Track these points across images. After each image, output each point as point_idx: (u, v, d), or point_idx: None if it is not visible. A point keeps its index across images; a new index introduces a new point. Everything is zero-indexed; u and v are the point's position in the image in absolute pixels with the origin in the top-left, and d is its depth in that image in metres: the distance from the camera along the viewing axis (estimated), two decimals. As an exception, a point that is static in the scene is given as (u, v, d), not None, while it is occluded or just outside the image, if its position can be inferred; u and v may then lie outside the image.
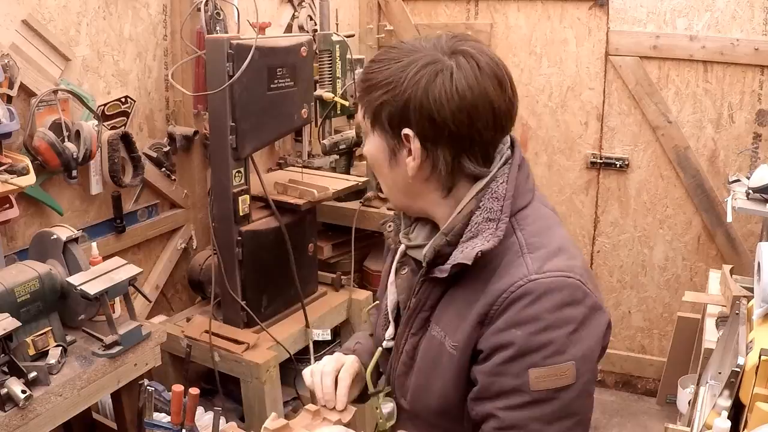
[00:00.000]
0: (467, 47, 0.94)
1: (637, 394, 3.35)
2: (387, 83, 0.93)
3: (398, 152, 0.96)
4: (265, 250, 2.11)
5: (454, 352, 0.96)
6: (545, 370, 0.89)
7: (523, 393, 0.90)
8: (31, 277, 1.53)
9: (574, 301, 0.90)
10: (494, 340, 0.91)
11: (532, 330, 0.89)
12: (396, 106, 0.93)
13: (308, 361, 2.24)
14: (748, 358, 1.46)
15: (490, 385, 0.93)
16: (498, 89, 0.93)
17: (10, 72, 1.74)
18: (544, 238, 0.96)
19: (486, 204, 0.95)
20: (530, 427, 0.90)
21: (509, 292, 0.91)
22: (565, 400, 0.90)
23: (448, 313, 0.99)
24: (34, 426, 1.42)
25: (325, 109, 2.64)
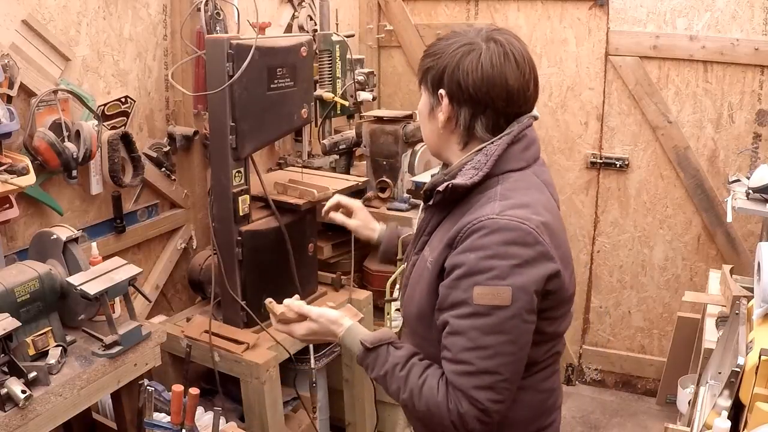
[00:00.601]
0: (501, 37, 1.22)
1: (637, 394, 3.36)
2: (434, 54, 1.24)
3: (435, 108, 1.25)
4: (265, 250, 2.11)
5: (429, 267, 1.22)
6: (487, 288, 1.11)
7: (467, 305, 1.12)
8: (31, 277, 1.53)
9: (523, 243, 1.12)
10: (453, 260, 1.16)
11: (480, 256, 1.12)
12: (437, 72, 1.23)
13: (308, 361, 2.25)
14: (748, 358, 1.46)
15: (446, 296, 1.17)
16: (516, 72, 1.20)
17: (10, 72, 1.74)
18: (517, 194, 1.18)
19: (477, 157, 1.21)
20: (470, 334, 1.12)
21: (471, 224, 1.14)
22: (500, 317, 1.11)
23: (437, 237, 1.25)
24: (34, 426, 1.42)
25: (325, 109, 2.64)
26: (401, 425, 2.73)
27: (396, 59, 3.50)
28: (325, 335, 1.34)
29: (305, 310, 1.33)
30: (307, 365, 2.25)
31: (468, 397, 1.13)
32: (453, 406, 1.14)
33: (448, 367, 1.16)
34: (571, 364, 3.46)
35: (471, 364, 1.12)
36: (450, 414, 1.14)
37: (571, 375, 3.47)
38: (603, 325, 3.38)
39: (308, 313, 1.33)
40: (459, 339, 1.14)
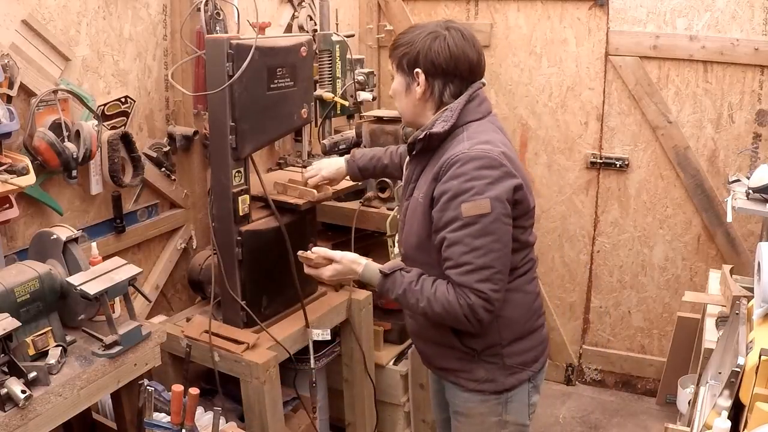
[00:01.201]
0: (456, 26, 1.58)
1: (637, 394, 3.36)
2: (407, 43, 1.57)
3: (411, 84, 1.59)
4: (265, 250, 2.11)
5: (421, 201, 1.55)
6: (470, 203, 1.44)
7: (459, 220, 1.44)
8: (31, 277, 1.53)
9: (491, 167, 1.46)
10: (441, 188, 1.49)
11: (461, 180, 1.45)
12: (412, 56, 1.56)
13: (308, 361, 2.25)
14: (748, 358, 1.46)
15: (440, 218, 1.49)
16: (472, 49, 1.56)
17: (10, 72, 1.74)
18: (479, 135, 1.53)
19: (444, 114, 1.56)
20: (464, 241, 1.44)
21: (450, 159, 1.49)
22: (485, 222, 1.44)
23: (423, 179, 1.58)
24: (34, 426, 1.42)
25: (325, 109, 2.64)
26: (401, 425, 2.74)
27: (396, 59, 3.50)
28: (348, 273, 1.62)
29: (330, 254, 1.63)
30: (307, 365, 2.25)
31: (473, 290, 1.44)
32: (463, 301, 1.45)
33: (452, 272, 1.47)
34: (571, 364, 3.46)
35: (470, 264, 1.44)
36: (462, 308, 1.45)
37: (571, 375, 3.47)
38: (603, 325, 3.38)
39: (333, 256, 1.62)
40: (457, 247, 1.45)
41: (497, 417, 1.65)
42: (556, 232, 3.34)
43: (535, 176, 3.30)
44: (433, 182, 1.52)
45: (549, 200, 3.31)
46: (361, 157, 2.09)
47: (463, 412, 1.69)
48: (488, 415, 1.65)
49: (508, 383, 1.63)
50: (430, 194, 1.52)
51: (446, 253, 1.48)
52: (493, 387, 1.63)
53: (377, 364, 2.62)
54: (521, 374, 1.64)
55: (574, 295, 3.39)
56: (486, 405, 1.65)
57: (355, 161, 2.10)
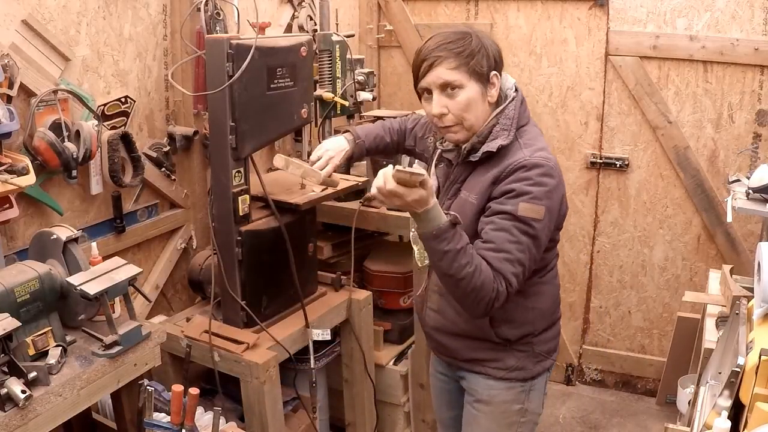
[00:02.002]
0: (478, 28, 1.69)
1: (637, 394, 3.35)
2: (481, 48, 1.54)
3: (488, 88, 1.57)
4: (265, 250, 2.11)
5: (475, 202, 1.58)
6: (528, 205, 1.49)
7: (513, 214, 1.49)
8: (31, 277, 1.53)
9: (550, 176, 1.52)
10: (502, 188, 1.52)
11: (525, 183, 1.50)
12: (490, 60, 1.55)
13: (308, 361, 2.25)
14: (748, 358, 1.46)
15: (495, 208, 1.52)
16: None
17: (10, 72, 1.74)
18: (533, 142, 1.58)
19: (502, 121, 1.58)
20: (512, 231, 1.49)
21: (513, 164, 1.53)
22: (534, 227, 1.50)
23: (472, 182, 1.61)
24: (34, 426, 1.42)
25: (325, 109, 2.64)
26: (401, 425, 2.74)
27: (396, 59, 3.50)
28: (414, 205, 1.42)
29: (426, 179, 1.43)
30: (307, 365, 2.25)
31: (505, 279, 1.48)
32: (496, 285, 1.47)
33: (491, 254, 1.49)
34: (571, 364, 3.45)
35: (510, 253, 1.48)
36: (492, 291, 1.47)
37: (571, 375, 3.47)
38: (603, 325, 3.38)
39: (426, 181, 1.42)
40: (503, 233, 1.49)
41: (520, 405, 1.71)
42: (556, 232, 3.34)
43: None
44: (491, 185, 1.55)
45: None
46: (365, 136, 2.01)
47: (487, 400, 1.73)
48: (512, 403, 1.71)
49: (534, 371, 1.70)
50: (487, 195, 1.55)
51: (489, 235, 1.50)
52: (522, 375, 1.69)
53: (377, 364, 2.62)
54: (545, 362, 1.73)
55: (574, 294, 3.39)
56: (511, 392, 1.70)
57: (362, 141, 2.00)
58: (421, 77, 1.57)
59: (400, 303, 2.76)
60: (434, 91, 1.55)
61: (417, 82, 1.60)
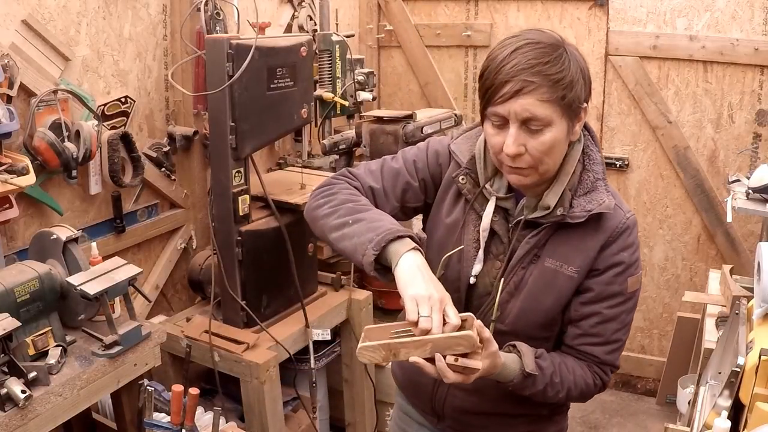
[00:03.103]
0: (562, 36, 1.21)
1: (637, 394, 3.35)
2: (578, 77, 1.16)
3: (572, 126, 1.20)
4: (265, 250, 2.11)
5: (574, 275, 1.26)
6: (634, 277, 1.27)
7: (622, 295, 1.27)
8: (31, 277, 1.53)
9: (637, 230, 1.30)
10: (610, 260, 1.25)
11: (631, 251, 1.26)
12: (587, 90, 1.20)
13: (308, 361, 2.25)
14: (748, 358, 1.46)
15: (603, 291, 1.26)
16: None
17: (10, 72, 1.74)
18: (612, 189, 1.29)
19: (591, 167, 1.27)
20: (620, 318, 1.28)
21: (620, 227, 1.25)
22: (637, 296, 1.31)
23: (562, 248, 1.26)
24: (34, 426, 1.42)
25: (324, 109, 2.64)
26: (401, 425, 2.74)
27: (396, 59, 3.50)
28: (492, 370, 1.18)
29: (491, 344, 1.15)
30: (307, 365, 2.25)
31: (614, 367, 1.33)
32: (599, 381, 1.31)
33: (598, 349, 1.29)
34: (571, 364, 3.45)
35: (620, 341, 1.31)
36: (596, 388, 1.32)
37: (571, 375, 3.47)
38: (603, 325, 3.38)
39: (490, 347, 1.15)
40: (612, 324, 1.28)
41: None
42: (556, 232, 3.34)
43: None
44: (596, 252, 1.24)
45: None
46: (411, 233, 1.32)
47: None
48: None
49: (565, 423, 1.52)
50: (590, 267, 1.25)
51: (596, 329, 1.28)
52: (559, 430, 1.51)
53: (377, 364, 2.61)
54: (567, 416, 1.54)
55: (574, 295, 3.39)
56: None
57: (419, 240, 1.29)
58: (498, 102, 1.14)
59: (400, 303, 2.75)
60: (513, 124, 1.15)
61: (487, 104, 1.17)
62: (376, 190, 1.38)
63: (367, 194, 1.37)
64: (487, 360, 1.14)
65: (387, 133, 2.65)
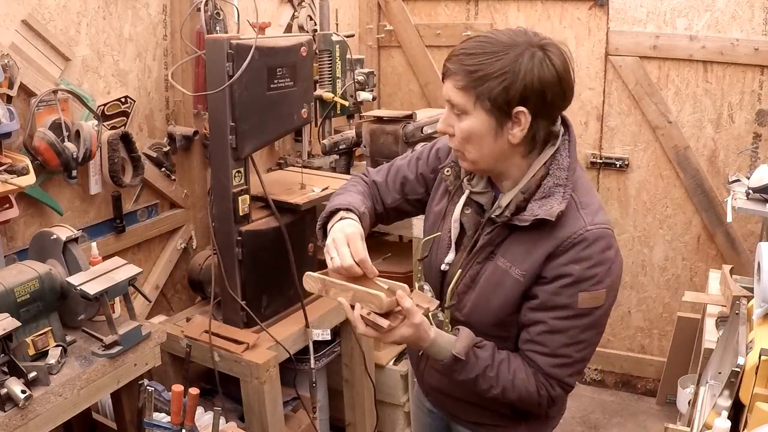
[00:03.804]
0: (548, 41, 1.19)
1: (637, 394, 3.35)
2: (504, 73, 1.14)
3: (505, 126, 1.19)
4: (265, 250, 2.11)
5: (520, 279, 1.25)
6: (589, 294, 1.21)
7: (571, 308, 1.22)
8: (31, 277, 1.53)
9: (611, 247, 1.22)
10: (558, 270, 1.22)
11: (585, 266, 1.20)
12: (515, 91, 1.14)
13: (308, 361, 2.25)
14: (748, 358, 1.46)
15: (548, 300, 1.23)
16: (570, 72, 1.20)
17: (10, 72, 1.74)
18: (590, 198, 1.26)
19: (554, 172, 1.24)
20: (569, 332, 1.23)
21: (572, 238, 1.20)
22: (596, 315, 1.23)
23: (514, 249, 1.27)
24: (33, 426, 1.42)
25: (324, 109, 2.64)
26: (401, 425, 2.74)
27: (396, 59, 3.50)
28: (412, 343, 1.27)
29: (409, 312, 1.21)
30: (307, 365, 2.25)
31: (561, 384, 1.28)
32: (544, 392, 1.28)
33: (542, 360, 1.27)
34: (571, 364, 3.45)
35: (569, 357, 1.26)
36: (540, 398, 1.29)
37: (571, 375, 3.47)
38: (603, 325, 3.38)
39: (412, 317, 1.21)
40: (559, 336, 1.24)
41: None
42: (556, 232, 3.34)
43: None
44: (545, 261, 1.23)
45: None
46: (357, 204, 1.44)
47: None
48: None
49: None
50: (537, 273, 1.24)
51: (541, 338, 1.26)
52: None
53: (377, 364, 2.62)
54: (554, 421, 1.55)
55: (574, 295, 3.39)
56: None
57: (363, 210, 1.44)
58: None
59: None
60: (446, 104, 1.24)
61: None
62: (379, 184, 1.54)
63: (371, 187, 1.54)
64: (408, 328, 1.22)
65: (387, 133, 2.65)
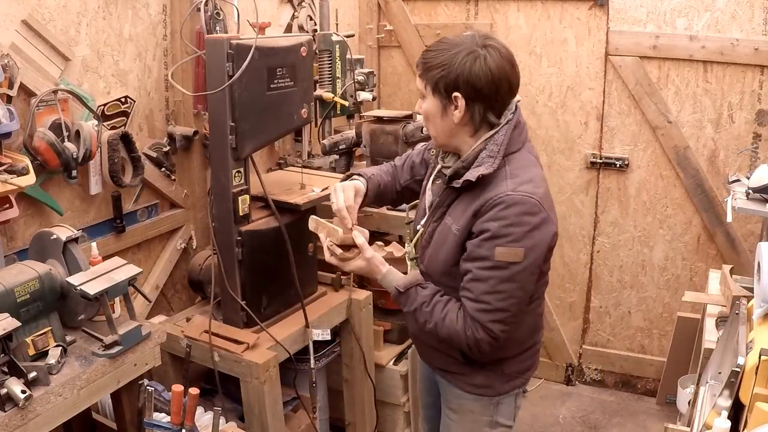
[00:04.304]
0: (493, 42, 1.48)
1: (637, 394, 3.35)
2: (442, 65, 1.46)
3: (448, 108, 1.49)
4: (265, 250, 2.11)
5: (457, 233, 1.52)
6: (505, 249, 1.43)
7: (489, 260, 1.45)
8: (31, 277, 1.53)
9: (531, 213, 1.43)
10: (480, 226, 1.46)
11: (502, 224, 1.43)
12: (450, 79, 1.45)
13: (308, 361, 2.25)
14: (748, 358, 1.46)
15: (472, 252, 1.48)
16: (511, 69, 1.49)
17: (10, 72, 1.74)
18: (521, 172, 1.49)
19: (490, 147, 1.49)
20: (490, 281, 1.46)
21: (493, 200, 1.44)
22: (514, 270, 1.44)
23: (457, 209, 1.54)
24: (34, 426, 1.42)
25: (324, 109, 2.64)
26: (401, 425, 2.74)
27: (396, 59, 3.50)
28: (370, 274, 1.63)
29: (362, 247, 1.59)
30: (307, 365, 2.25)
31: (484, 328, 1.48)
32: (470, 333, 1.49)
33: (469, 304, 1.49)
34: (571, 364, 3.45)
35: (489, 304, 1.47)
36: (467, 339, 1.50)
37: (571, 375, 3.47)
38: (603, 325, 3.38)
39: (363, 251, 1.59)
40: (480, 284, 1.47)
41: (489, 417, 1.71)
42: (556, 232, 3.34)
43: (535, 176, 3.30)
44: (473, 218, 1.48)
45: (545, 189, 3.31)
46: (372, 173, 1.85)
47: (456, 409, 1.74)
48: (480, 414, 1.71)
49: (503, 389, 1.69)
50: (468, 228, 1.49)
51: (468, 285, 1.49)
52: (489, 392, 1.68)
53: (377, 364, 2.62)
54: (516, 381, 1.70)
55: (574, 295, 3.39)
56: (478, 404, 1.70)
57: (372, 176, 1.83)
58: None
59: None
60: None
61: None
62: (397, 167, 1.90)
63: (394, 169, 1.90)
64: (361, 261, 1.59)
65: (387, 133, 2.65)
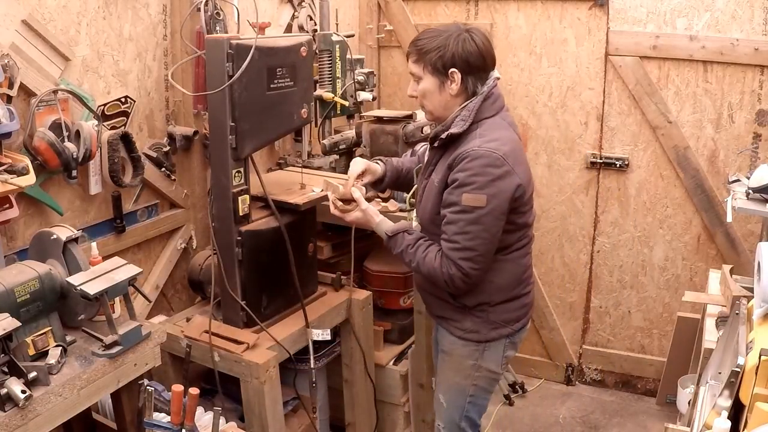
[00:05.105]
0: (472, 27, 1.80)
1: (637, 394, 3.35)
2: (438, 48, 1.74)
3: (445, 83, 1.77)
4: (265, 250, 2.11)
5: (437, 185, 1.81)
6: (471, 195, 1.70)
7: (458, 205, 1.72)
8: (31, 277, 1.53)
9: (494, 165, 1.69)
10: (452, 177, 1.74)
11: (468, 174, 1.70)
12: (447, 58, 1.74)
13: (308, 361, 2.25)
14: (748, 358, 1.46)
15: (446, 199, 1.76)
16: (490, 46, 1.80)
17: (10, 72, 1.75)
18: (489, 133, 1.76)
19: (463, 113, 1.78)
20: (459, 223, 1.72)
21: (462, 154, 1.72)
22: (479, 214, 1.70)
23: (439, 166, 1.83)
24: (34, 426, 1.42)
25: (324, 109, 2.64)
26: (401, 425, 2.74)
27: (396, 59, 3.50)
28: (366, 224, 1.92)
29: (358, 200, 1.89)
30: (307, 365, 2.25)
31: (455, 264, 1.74)
32: (445, 270, 1.75)
33: (444, 244, 1.77)
34: (571, 364, 3.45)
35: (458, 243, 1.73)
36: (443, 275, 1.76)
37: (571, 375, 3.47)
38: (603, 325, 3.38)
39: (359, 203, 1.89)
40: (452, 226, 1.74)
41: (473, 361, 1.94)
42: (556, 232, 3.34)
43: (535, 176, 3.29)
44: (447, 170, 1.76)
45: (549, 200, 3.31)
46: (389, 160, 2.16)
47: (448, 351, 1.99)
48: (466, 358, 1.94)
49: (489, 336, 1.91)
50: (444, 180, 1.77)
51: (444, 228, 1.76)
52: (476, 337, 1.91)
53: (377, 364, 2.62)
54: (502, 330, 1.91)
55: (574, 295, 3.39)
56: (466, 349, 1.93)
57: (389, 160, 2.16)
58: None
59: (400, 303, 2.76)
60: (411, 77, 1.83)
61: None
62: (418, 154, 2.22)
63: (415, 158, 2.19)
64: (358, 212, 1.89)
65: (387, 133, 2.65)
